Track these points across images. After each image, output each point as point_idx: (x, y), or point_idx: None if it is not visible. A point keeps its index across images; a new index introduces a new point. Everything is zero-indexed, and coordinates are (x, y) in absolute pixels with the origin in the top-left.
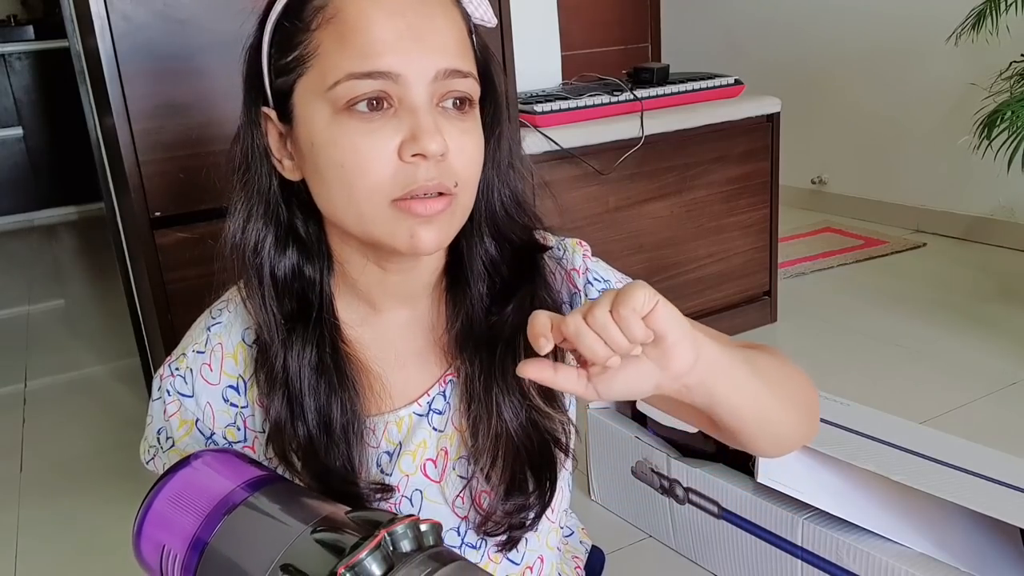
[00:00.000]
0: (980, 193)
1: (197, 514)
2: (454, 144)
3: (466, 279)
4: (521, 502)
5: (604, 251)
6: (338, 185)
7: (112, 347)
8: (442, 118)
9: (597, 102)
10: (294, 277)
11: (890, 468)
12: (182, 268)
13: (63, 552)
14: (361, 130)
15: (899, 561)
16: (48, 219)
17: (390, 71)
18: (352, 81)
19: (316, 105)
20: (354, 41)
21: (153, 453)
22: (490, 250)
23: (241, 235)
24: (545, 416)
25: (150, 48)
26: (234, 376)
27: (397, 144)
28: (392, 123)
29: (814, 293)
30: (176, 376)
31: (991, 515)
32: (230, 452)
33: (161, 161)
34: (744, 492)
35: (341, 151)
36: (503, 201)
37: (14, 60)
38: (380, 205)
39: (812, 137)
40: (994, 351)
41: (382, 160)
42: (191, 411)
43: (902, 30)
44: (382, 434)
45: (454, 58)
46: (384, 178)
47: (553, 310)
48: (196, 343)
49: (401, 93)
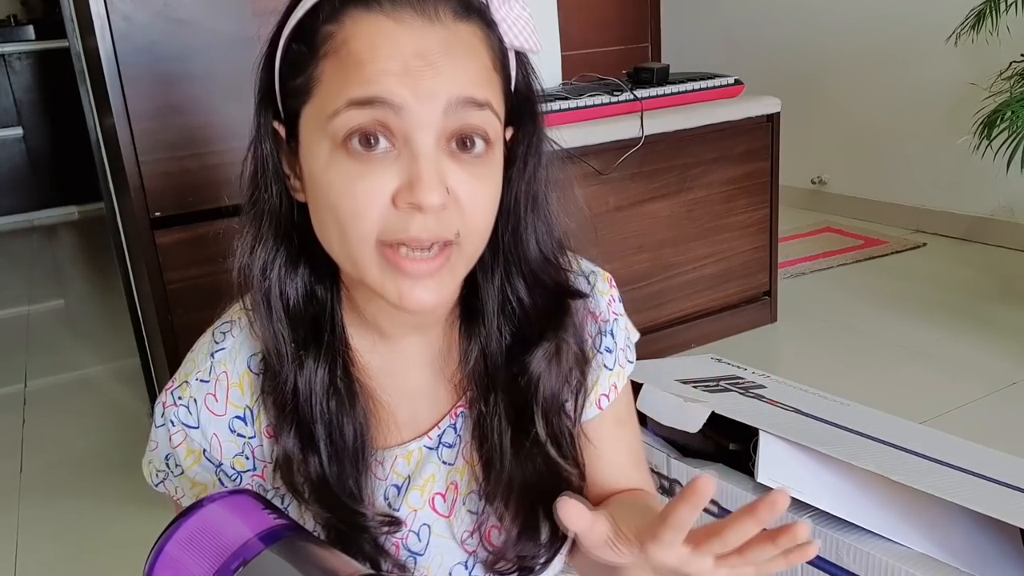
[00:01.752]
0: (980, 193)
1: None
2: (463, 191)
3: (482, 313)
4: (533, 546)
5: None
6: (332, 226)
7: (112, 347)
8: (451, 161)
9: (597, 102)
10: (305, 299)
11: (890, 468)
12: (182, 268)
13: (63, 552)
14: (356, 172)
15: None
16: (48, 219)
17: (391, 99)
18: (351, 110)
19: (317, 138)
20: (358, 69)
21: (163, 477)
22: (519, 290)
23: (249, 255)
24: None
25: (150, 48)
26: (240, 407)
27: (393, 189)
28: (391, 166)
29: (814, 293)
30: (179, 406)
31: (991, 515)
32: (247, 495)
33: (161, 161)
34: (744, 492)
35: (336, 194)
36: (539, 239)
37: (14, 60)
38: (371, 252)
39: (812, 137)
40: (994, 351)
41: (375, 206)
42: (197, 442)
43: (902, 30)
44: (390, 467)
45: (470, 87)
46: (375, 225)
47: (576, 355)
48: (199, 371)
49: (405, 129)
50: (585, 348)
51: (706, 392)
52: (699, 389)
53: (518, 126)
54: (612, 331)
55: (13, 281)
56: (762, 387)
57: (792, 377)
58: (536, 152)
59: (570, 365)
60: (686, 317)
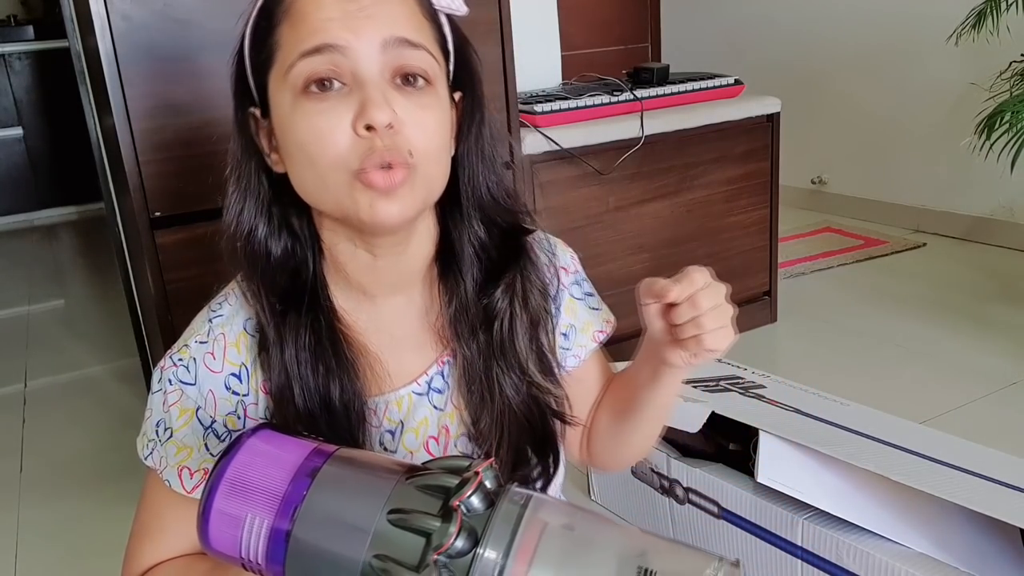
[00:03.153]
0: (980, 193)
1: (280, 477)
2: (409, 117)
3: (458, 265)
4: (525, 475)
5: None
6: (305, 164)
7: (112, 347)
8: (396, 92)
9: (597, 102)
10: (286, 259)
11: (890, 468)
12: (182, 268)
13: (63, 552)
14: (316, 109)
15: (899, 561)
16: (48, 219)
17: (336, 43)
18: (303, 60)
19: (281, 93)
20: (306, 25)
21: (152, 448)
22: (479, 234)
23: (235, 226)
24: (544, 391)
25: (150, 48)
26: (237, 364)
27: (351, 119)
28: (345, 100)
29: (814, 293)
30: (179, 367)
31: (991, 515)
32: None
33: (161, 161)
34: (744, 492)
35: (303, 132)
36: (489, 187)
37: (14, 60)
38: (343, 179)
39: (812, 137)
40: (994, 351)
41: (337, 135)
42: (192, 399)
43: (902, 30)
44: (383, 414)
45: (403, 29)
46: (342, 151)
47: (540, 289)
48: (198, 334)
49: (352, 67)
50: (547, 285)
51: (706, 392)
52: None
53: (462, 88)
54: (584, 281)
55: (13, 281)
56: (762, 387)
57: (792, 377)
58: (479, 110)
59: (537, 301)
60: None
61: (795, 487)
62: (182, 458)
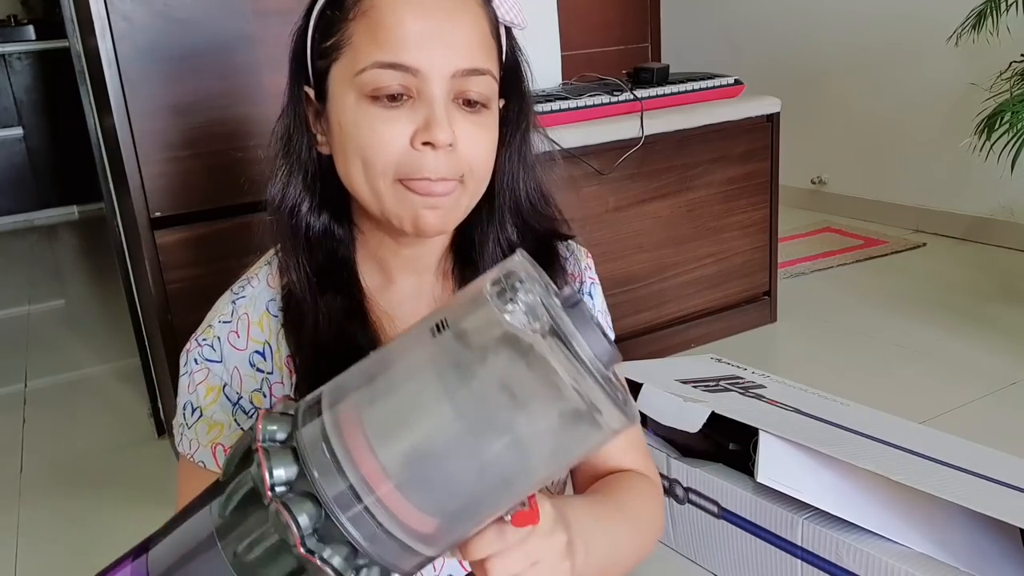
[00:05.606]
0: (980, 193)
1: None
2: (465, 136)
3: (478, 259)
4: None
5: (604, 251)
6: (358, 162)
7: (112, 347)
8: (456, 112)
9: (597, 102)
10: (326, 237)
11: (890, 468)
12: (182, 268)
13: (63, 552)
14: (382, 116)
15: (899, 561)
16: (48, 219)
17: (412, 66)
18: (377, 70)
19: (345, 89)
20: (384, 35)
21: (181, 432)
22: (510, 236)
23: (281, 197)
24: None
25: (150, 48)
26: (260, 342)
27: (411, 132)
28: (409, 113)
29: (814, 293)
30: (204, 346)
31: (991, 515)
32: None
33: (161, 161)
34: (744, 492)
35: (365, 135)
36: (528, 192)
37: (14, 60)
38: (390, 184)
39: (812, 137)
40: (994, 351)
41: (396, 144)
42: (219, 376)
43: (902, 30)
44: None
45: (473, 58)
46: (396, 159)
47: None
48: (222, 315)
49: (420, 87)
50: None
51: (706, 392)
52: (699, 389)
53: (508, 96)
54: (591, 292)
55: (13, 281)
56: (762, 387)
57: (792, 377)
58: (524, 118)
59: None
60: (686, 317)
61: (795, 487)
62: (214, 435)
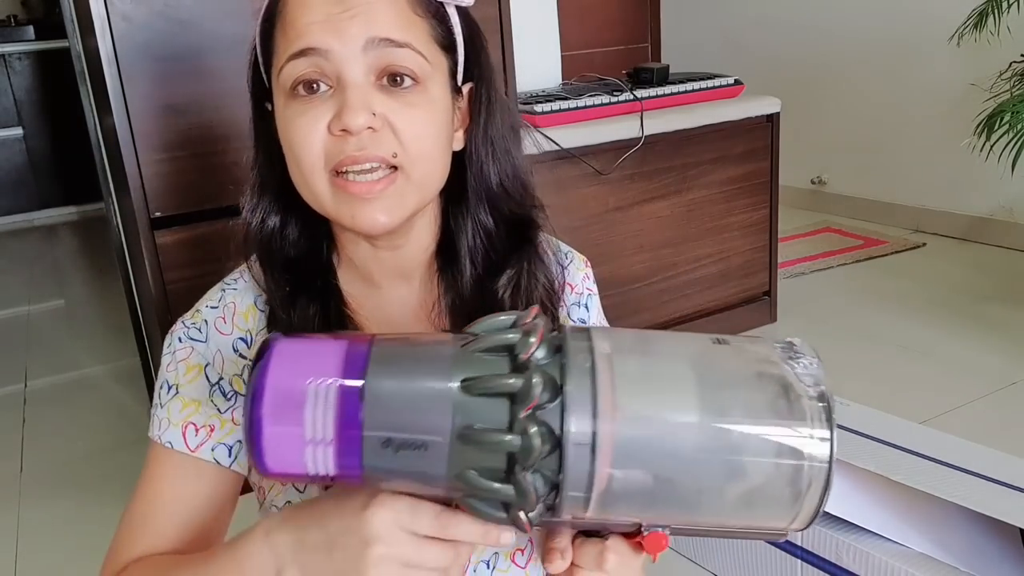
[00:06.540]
0: (980, 193)
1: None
2: (394, 116)
3: (457, 257)
4: None
5: (604, 251)
6: (292, 164)
7: (112, 347)
8: (382, 93)
9: (597, 102)
10: (298, 248)
11: (890, 468)
12: (182, 268)
13: (63, 552)
14: (300, 111)
15: (899, 561)
16: (48, 219)
17: (318, 47)
18: (289, 63)
19: (277, 96)
20: (292, 27)
21: (153, 415)
22: (486, 224)
23: (252, 213)
24: None
25: (150, 48)
26: (244, 330)
27: (328, 119)
28: (328, 102)
29: (814, 293)
30: (190, 327)
31: (991, 515)
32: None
33: (161, 161)
34: None
35: (289, 132)
36: (501, 179)
37: (14, 60)
38: (323, 181)
39: (812, 137)
40: (994, 351)
41: (315, 134)
42: (201, 354)
43: (903, 30)
44: None
45: (386, 29)
46: (318, 152)
47: (545, 286)
48: (211, 301)
49: (335, 70)
50: (554, 283)
51: None
52: None
53: (473, 78)
54: (587, 304)
55: (13, 281)
56: None
57: None
58: (488, 102)
59: (540, 296)
60: (686, 317)
61: None
62: (187, 414)
